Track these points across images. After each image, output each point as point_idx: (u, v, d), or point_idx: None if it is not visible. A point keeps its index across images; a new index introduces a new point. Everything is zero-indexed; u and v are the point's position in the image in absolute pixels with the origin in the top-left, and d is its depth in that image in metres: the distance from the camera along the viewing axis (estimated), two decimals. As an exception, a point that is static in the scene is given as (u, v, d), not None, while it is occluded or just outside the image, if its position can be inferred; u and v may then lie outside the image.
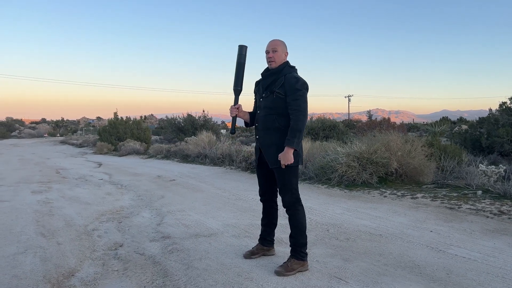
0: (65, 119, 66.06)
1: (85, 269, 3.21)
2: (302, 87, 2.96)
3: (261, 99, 3.14)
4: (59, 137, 43.16)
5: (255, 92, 3.30)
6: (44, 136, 46.86)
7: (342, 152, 6.86)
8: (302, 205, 3.10)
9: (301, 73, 3.15)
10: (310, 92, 3.07)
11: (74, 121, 76.12)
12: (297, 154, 3.01)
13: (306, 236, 3.09)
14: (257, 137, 3.15)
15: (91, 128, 56.09)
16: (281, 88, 3.00)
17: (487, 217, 4.45)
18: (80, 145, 26.41)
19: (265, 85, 3.09)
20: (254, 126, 3.22)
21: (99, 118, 79.35)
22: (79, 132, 50.48)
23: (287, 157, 2.91)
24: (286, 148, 2.91)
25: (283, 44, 3.10)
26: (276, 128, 3.01)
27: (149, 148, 18.16)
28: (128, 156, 16.56)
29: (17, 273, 3.04)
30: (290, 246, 3.09)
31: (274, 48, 3.06)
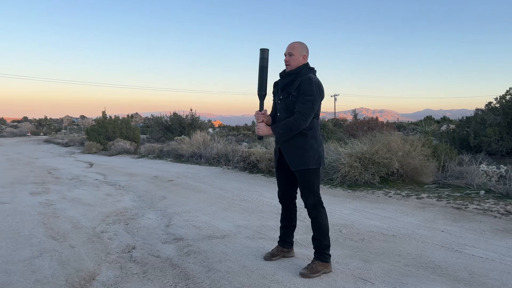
0: (48, 117, 64.79)
1: (104, 273, 3.15)
2: (312, 91, 2.91)
3: (279, 101, 3.12)
4: (43, 136, 42.39)
5: (273, 93, 3.28)
6: (27, 135, 45.94)
7: (344, 152, 6.90)
8: (324, 207, 3.10)
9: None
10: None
11: (58, 119, 74.79)
12: (319, 156, 3.02)
13: (329, 238, 3.10)
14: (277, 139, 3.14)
15: (75, 127, 55.21)
16: (296, 90, 2.99)
17: (495, 217, 4.53)
18: (66, 144, 25.97)
19: (282, 86, 3.08)
20: None
21: (83, 117, 78.13)
22: (63, 131, 49.62)
23: (262, 128, 3.05)
24: (269, 127, 3.04)
25: (301, 46, 3.06)
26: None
27: (139, 148, 17.97)
28: (119, 155, 16.35)
29: (39, 277, 2.97)
30: (314, 248, 3.09)
31: (290, 52, 3.03)
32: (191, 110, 26.74)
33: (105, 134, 20.23)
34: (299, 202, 3.35)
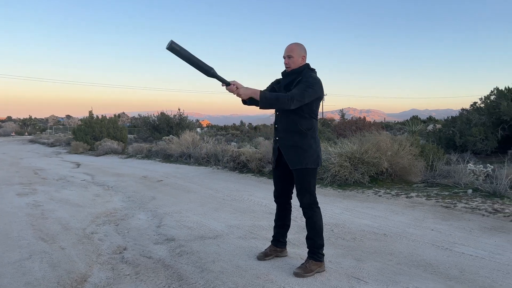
0: (33, 117, 63.73)
1: (96, 274, 3.11)
2: (314, 84, 2.91)
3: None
4: (28, 136, 41.69)
5: (273, 85, 3.22)
6: (11, 135, 45.14)
7: (334, 152, 6.94)
8: (319, 207, 3.12)
9: (277, 75, 3.09)
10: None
11: (43, 119, 73.68)
12: (317, 156, 3.03)
13: (323, 237, 3.11)
14: (276, 138, 3.13)
15: (61, 126, 54.46)
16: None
17: (483, 215, 4.61)
18: (52, 145, 25.59)
19: (284, 84, 3.08)
20: (274, 127, 3.21)
21: (68, 116, 77.13)
22: (48, 131, 48.89)
23: (243, 91, 2.83)
24: (252, 88, 2.85)
25: (299, 48, 3.07)
26: (298, 130, 3.00)
27: (126, 148, 17.81)
28: (106, 155, 16.17)
29: (30, 280, 2.92)
30: (308, 247, 3.10)
31: (289, 54, 3.04)
32: (179, 109, 26.60)
33: (92, 134, 19.99)
34: (294, 202, 3.36)
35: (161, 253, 3.62)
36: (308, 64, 3.10)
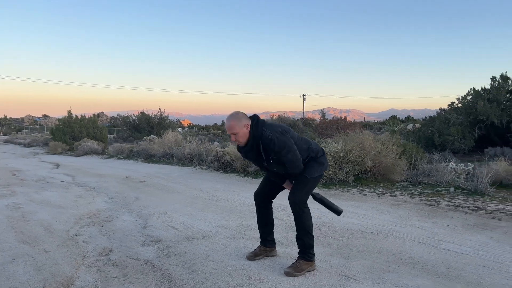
0: (8, 117, 62.06)
1: (82, 277, 3.04)
2: (281, 144, 2.88)
3: (266, 164, 3.06)
4: (3, 136, 40.61)
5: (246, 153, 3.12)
6: (-14, 135, 43.85)
7: (319, 151, 6.97)
8: (308, 207, 3.11)
9: (256, 74, 3.06)
10: (266, 91, 3.00)
11: (18, 119, 71.81)
12: (323, 165, 3.12)
13: (313, 237, 3.12)
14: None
15: (38, 126, 53.22)
16: (267, 153, 2.96)
17: (466, 212, 4.71)
18: (28, 145, 24.99)
19: (255, 156, 3.04)
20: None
21: (45, 116, 75.44)
22: (24, 130, 47.70)
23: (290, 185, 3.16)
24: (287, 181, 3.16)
25: (237, 121, 2.90)
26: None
27: (107, 148, 17.52)
28: (86, 156, 15.87)
29: (14, 284, 2.83)
30: (298, 247, 3.10)
31: (233, 132, 2.91)
32: (159, 109, 26.35)
33: (71, 134, 19.60)
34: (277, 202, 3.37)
35: (149, 255, 3.56)
36: (252, 124, 2.94)
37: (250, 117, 2.97)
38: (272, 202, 3.37)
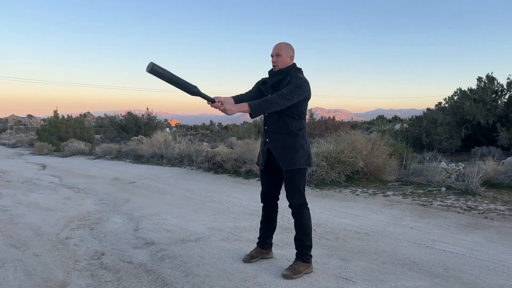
0: (-9, 117, 60.86)
1: (75, 282, 2.97)
2: (303, 85, 2.89)
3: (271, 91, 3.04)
4: (-14, 137, 39.79)
5: (259, 85, 3.15)
6: (-32, 136, 42.91)
7: (311, 152, 6.96)
8: (308, 207, 3.09)
9: (245, 74, 3.03)
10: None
11: (2, 119, 70.51)
12: (308, 156, 3.02)
13: (312, 238, 3.09)
14: (267, 140, 3.07)
15: (22, 126, 52.35)
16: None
17: (458, 212, 4.73)
18: (13, 145, 24.55)
19: (271, 84, 3.03)
20: (263, 129, 3.15)
21: (30, 116, 74.24)
22: (8, 131, 46.82)
23: (230, 108, 2.70)
24: (238, 104, 2.78)
25: (288, 47, 3.02)
26: (289, 131, 2.96)
27: (94, 148, 17.29)
28: (73, 156, 15.63)
29: (5, 290, 2.75)
30: (296, 248, 3.07)
31: (278, 53, 2.98)
32: (147, 109, 26.16)
33: (58, 134, 19.28)
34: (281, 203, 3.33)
35: (142, 258, 3.49)
36: (295, 64, 3.06)
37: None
38: (277, 203, 3.33)
